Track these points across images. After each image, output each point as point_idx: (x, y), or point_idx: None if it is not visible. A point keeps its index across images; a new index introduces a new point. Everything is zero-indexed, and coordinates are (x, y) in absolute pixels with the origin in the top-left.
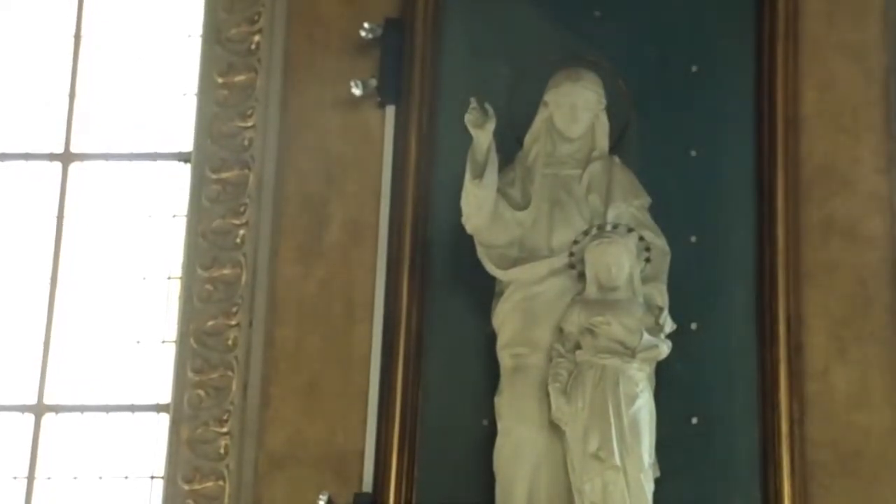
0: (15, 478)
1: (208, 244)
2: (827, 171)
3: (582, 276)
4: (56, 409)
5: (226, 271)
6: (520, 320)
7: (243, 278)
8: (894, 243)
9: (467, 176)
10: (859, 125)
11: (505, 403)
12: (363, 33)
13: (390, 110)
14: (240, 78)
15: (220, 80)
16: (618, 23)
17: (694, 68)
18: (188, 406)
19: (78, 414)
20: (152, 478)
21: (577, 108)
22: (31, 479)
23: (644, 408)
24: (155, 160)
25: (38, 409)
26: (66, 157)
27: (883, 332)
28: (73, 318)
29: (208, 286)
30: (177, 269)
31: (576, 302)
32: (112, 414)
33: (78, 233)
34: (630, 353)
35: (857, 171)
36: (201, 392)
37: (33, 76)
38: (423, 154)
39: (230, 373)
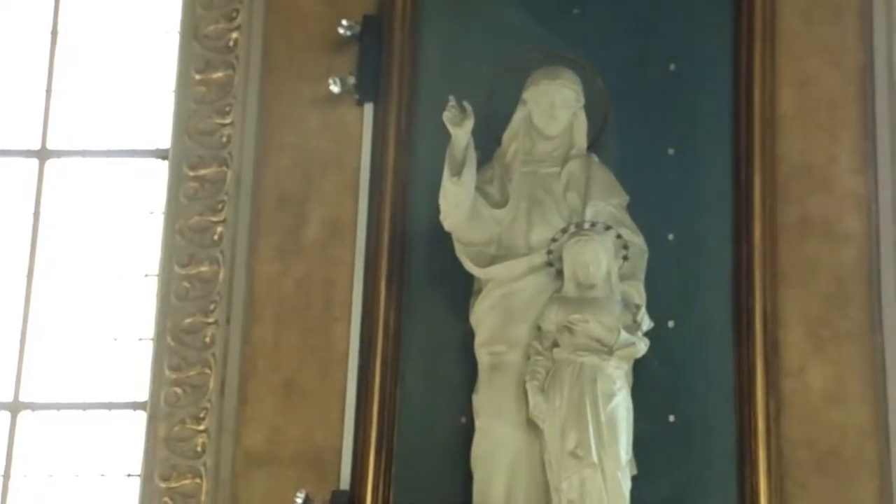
0: None
1: (186, 241)
2: (804, 169)
3: (560, 274)
4: (32, 406)
5: (203, 269)
6: (498, 318)
7: (221, 276)
8: (871, 242)
9: (445, 174)
10: (836, 124)
11: (483, 401)
12: (341, 31)
13: (368, 108)
14: (217, 75)
15: (197, 77)
16: (596, 21)
17: (672, 67)
18: (165, 404)
19: (54, 411)
20: (129, 476)
21: (555, 106)
22: (6, 476)
23: (621, 405)
24: (132, 157)
25: (15, 407)
26: (43, 154)
27: (859, 330)
28: (50, 315)
29: (186, 284)
30: (154, 266)
31: (553, 300)
32: (89, 411)
33: (55, 230)
34: (608, 350)
35: (834, 169)
36: (178, 390)
37: (10, 73)
38: (401, 152)
39: (207, 370)
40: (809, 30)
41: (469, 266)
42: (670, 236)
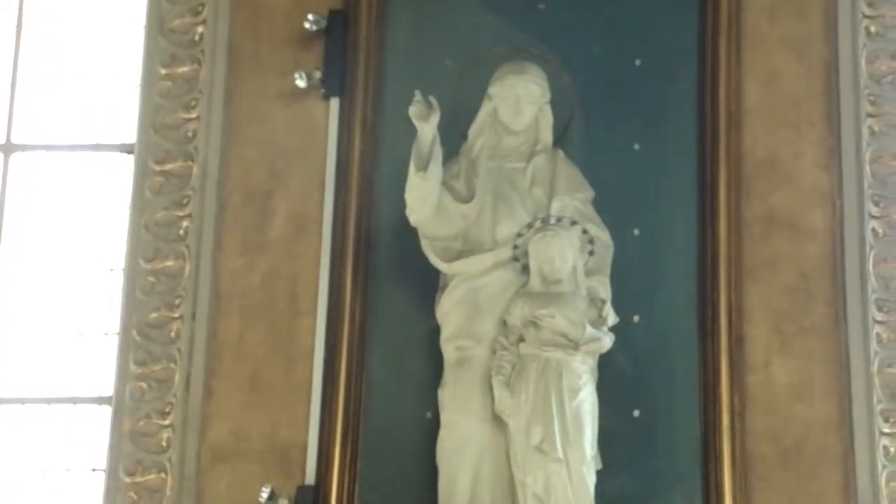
0: None
1: (151, 236)
2: (769, 165)
3: (526, 269)
4: None
5: (169, 263)
6: (464, 313)
7: (186, 270)
8: (836, 237)
9: (411, 168)
10: (801, 119)
11: (448, 396)
12: (307, 25)
13: (334, 102)
14: (183, 69)
15: (163, 72)
16: (562, 16)
17: (637, 62)
18: (130, 398)
19: (19, 405)
20: (94, 470)
21: (521, 101)
22: None
23: (587, 400)
24: (98, 151)
25: None
26: (8, 148)
27: (824, 325)
28: (15, 309)
29: (151, 278)
30: (120, 260)
31: (519, 295)
32: (53, 406)
33: (19, 224)
34: (573, 345)
35: (799, 165)
36: (144, 384)
37: None
38: (367, 146)
39: (173, 365)
40: (774, 26)
41: (435, 261)
42: (636, 231)
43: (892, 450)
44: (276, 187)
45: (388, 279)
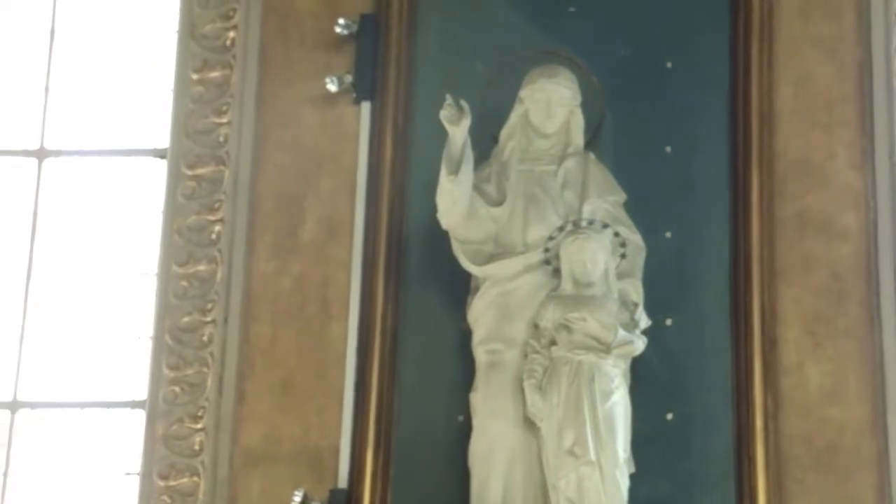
0: None
1: (184, 240)
2: (801, 166)
3: (557, 272)
4: (31, 405)
5: (201, 268)
6: (495, 316)
7: (219, 275)
8: (869, 238)
9: (442, 172)
10: (834, 120)
11: (480, 399)
12: (338, 29)
13: (366, 107)
14: (215, 74)
15: (195, 77)
16: (592, 19)
17: (668, 64)
18: (163, 402)
19: (53, 410)
20: (128, 474)
21: (552, 104)
22: (5, 475)
23: (619, 403)
24: (130, 156)
25: (14, 406)
26: (41, 154)
27: (857, 326)
28: (49, 314)
29: (184, 282)
30: (152, 265)
31: (551, 298)
32: (87, 410)
33: (53, 229)
34: (605, 349)
35: (831, 166)
36: (177, 388)
37: (8, 72)
38: (398, 150)
39: (205, 369)
40: (806, 26)
41: (466, 264)
42: (668, 234)
43: None
44: (308, 191)
45: (420, 283)
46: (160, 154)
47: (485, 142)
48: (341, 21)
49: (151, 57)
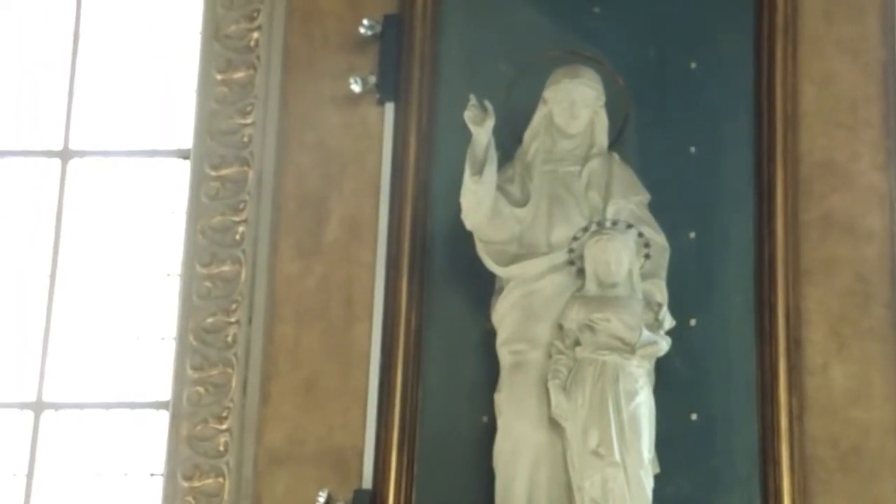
0: (14, 475)
1: (207, 241)
2: (826, 167)
3: (581, 273)
4: (55, 406)
5: (225, 268)
6: (519, 317)
7: (242, 275)
8: (893, 239)
9: (466, 173)
10: (858, 121)
11: (504, 400)
12: (362, 30)
13: (389, 107)
14: (239, 75)
15: (219, 77)
16: (617, 19)
17: (693, 65)
18: (188, 403)
19: (77, 411)
20: (152, 475)
21: (576, 104)
22: (30, 476)
23: (644, 404)
24: (154, 157)
25: (38, 407)
26: (66, 154)
27: (882, 327)
28: (73, 314)
29: (207, 283)
30: (176, 265)
31: (575, 298)
32: (111, 411)
33: (77, 229)
34: (629, 349)
35: (856, 166)
36: (201, 389)
37: (32, 73)
38: (422, 151)
39: (229, 370)
40: (831, 27)
41: (490, 265)
42: (692, 234)
43: None
44: (332, 192)
45: (444, 283)
46: (184, 155)
47: (508, 142)
48: (365, 22)
49: (175, 58)
